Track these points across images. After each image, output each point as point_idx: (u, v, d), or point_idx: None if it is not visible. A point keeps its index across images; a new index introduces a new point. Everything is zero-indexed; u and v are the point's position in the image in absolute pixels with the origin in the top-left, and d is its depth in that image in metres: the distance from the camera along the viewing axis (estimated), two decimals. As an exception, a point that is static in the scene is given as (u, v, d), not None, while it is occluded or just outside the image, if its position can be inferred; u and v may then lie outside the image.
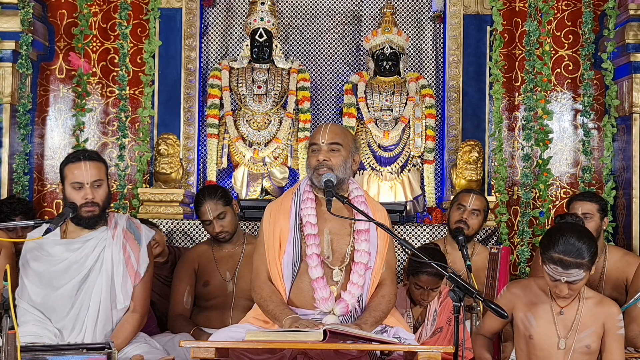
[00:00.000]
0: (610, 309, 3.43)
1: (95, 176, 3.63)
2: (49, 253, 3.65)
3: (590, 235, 3.33)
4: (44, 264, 3.64)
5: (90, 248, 3.66)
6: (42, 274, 3.62)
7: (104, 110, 6.26)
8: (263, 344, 3.13)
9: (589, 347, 3.40)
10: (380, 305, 3.47)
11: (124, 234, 3.74)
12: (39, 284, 3.62)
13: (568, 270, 3.25)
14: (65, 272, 3.63)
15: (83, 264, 3.64)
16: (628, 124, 5.84)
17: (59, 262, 3.63)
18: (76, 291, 3.63)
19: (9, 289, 2.75)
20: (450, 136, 6.30)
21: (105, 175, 3.70)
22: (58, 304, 3.62)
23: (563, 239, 3.26)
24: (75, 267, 3.63)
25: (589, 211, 4.73)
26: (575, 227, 3.41)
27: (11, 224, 4.26)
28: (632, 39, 5.78)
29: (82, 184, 3.61)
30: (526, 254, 5.88)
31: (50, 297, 3.61)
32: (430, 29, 6.68)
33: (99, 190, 3.64)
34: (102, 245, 3.67)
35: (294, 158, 6.27)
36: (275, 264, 3.51)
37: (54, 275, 3.62)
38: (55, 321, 3.63)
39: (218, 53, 6.65)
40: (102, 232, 3.70)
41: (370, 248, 3.50)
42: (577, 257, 3.24)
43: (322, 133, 3.53)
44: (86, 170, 3.62)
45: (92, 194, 3.61)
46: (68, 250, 3.65)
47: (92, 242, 3.67)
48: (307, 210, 3.52)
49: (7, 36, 5.80)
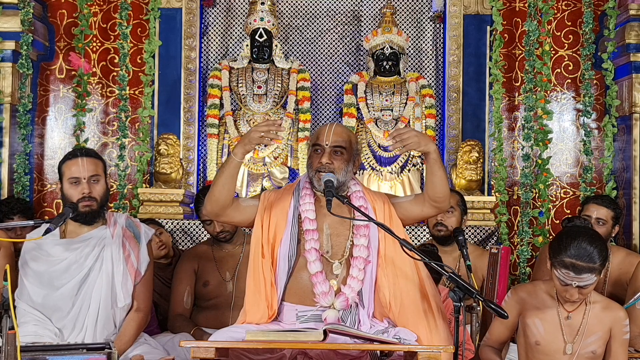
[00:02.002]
0: (618, 313, 3.41)
1: (92, 171, 3.66)
2: (49, 253, 3.65)
3: (601, 239, 3.31)
4: (44, 264, 3.64)
5: (90, 247, 3.66)
6: (42, 274, 3.62)
7: (104, 110, 6.26)
8: (263, 344, 3.13)
9: (594, 352, 3.37)
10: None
11: (124, 233, 3.74)
12: (39, 284, 3.62)
13: (580, 275, 3.21)
14: (65, 271, 3.63)
15: (83, 263, 3.64)
16: (628, 124, 5.84)
17: (59, 262, 3.64)
18: (77, 291, 3.63)
19: (9, 289, 2.75)
20: (450, 136, 6.30)
21: (102, 172, 3.73)
22: (59, 303, 3.62)
23: (575, 243, 3.22)
24: (75, 267, 3.64)
25: (603, 217, 4.69)
26: (587, 231, 3.37)
27: (11, 224, 4.26)
28: (632, 39, 5.78)
29: (79, 179, 3.63)
30: (526, 254, 5.88)
31: (50, 297, 3.61)
32: (430, 29, 6.68)
33: (96, 185, 3.66)
34: (101, 245, 3.67)
35: (294, 158, 6.27)
36: (269, 254, 3.49)
37: (54, 275, 3.62)
38: (55, 321, 3.63)
39: (218, 53, 6.65)
40: (102, 231, 3.71)
41: (370, 243, 3.49)
42: (589, 261, 3.20)
43: (326, 134, 3.51)
44: (83, 165, 3.65)
45: (89, 188, 3.63)
46: (68, 250, 3.65)
47: (91, 241, 3.67)
48: (305, 206, 3.51)
49: (7, 36, 5.80)
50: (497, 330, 3.56)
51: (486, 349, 3.59)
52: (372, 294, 3.50)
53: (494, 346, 3.59)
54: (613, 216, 4.71)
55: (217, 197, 3.46)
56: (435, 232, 4.83)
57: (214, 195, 3.46)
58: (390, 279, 3.47)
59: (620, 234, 5.83)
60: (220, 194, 3.45)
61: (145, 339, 3.84)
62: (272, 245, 3.50)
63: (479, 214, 5.74)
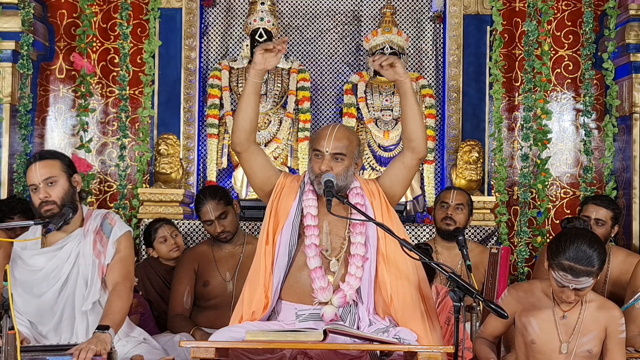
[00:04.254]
0: (613, 312, 3.40)
1: (45, 174, 3.55)
2: (27, 263, 3.60)
3: (600, 242, 3.28)
4: (24, 272, 3.60)
5: (65, 253, 3.60)
6: (22, 282, 3.58)
7: (104, 110, 6.26)
8: (263, 344, 3.13)
9: (590, 351, 3.37)
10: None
11: (96, 232, 3.65)
12: (21, 292, 3.58)
13: (578, 277, 3.19)
14: (44, 280, 3.58)
15: (60, 270, 3.59)
16: (628, 124, 5.84)
17: (38, 271, 3.59)
18: (56, 299, 3.58)
19: (9, 289, 2.75)
20: (450, 136, 6.30)
21: (61, 171, 3.59)
22: (41, 311, 3.59)
23: (574, 246, 3.20)
24: (54, 275, 3.58)
25: (602, 217, 4.66)
26: (586, 233, 3.33)
27: (11, 224, 4.25)
28: (632, 39, 5.77)
29: (36, 186, 3.56)
30: (524, 254, 5.88)
31: (31, 304, 3.58)
32: (430, 29, 6.68)
33: (53, 187, 3.55)
34: (77, 249, 3.61)
35: (294, 158, 6.27)
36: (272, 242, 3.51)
37: (34, 284, 3.58)
38: (42, 327, 3.60)
39: (218, 53, 6.65)
40: (76, 235, 3.64)
41: (367, 240, 3.50)
42: (588, 265, 3.18)
43: (327, 140, 3.51)
44: (36, 170, 3.56)
45: (44, 192, 3.54)
46: (45, 258, 3.60)
47: (66, 247, 3.61)
48: (308, 202, 3.53)
49: (7, 36, 5.79)
50: (492, 324, 3.58)
51: (480, 340, 3.62)
52: (372, 291, 3.51)
53: (488, 339, 3.61)
54: (612, 216, 4.70)
55: (239, 122, 3.52)
56: (443, 225, 4.86)
57: (236, 122, 3.54)
58: (392, 276, 3.49)
59: (620, 234, 5.83)
60: (241, 119, 3.51)
61: (145, 339, 3.83)
62: (274, 234, 3.52)
63: (479, 214, 5.74)
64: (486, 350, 3.55)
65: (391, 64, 3.45)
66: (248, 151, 3.56)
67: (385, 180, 3.65)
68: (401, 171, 3.62)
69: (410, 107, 3.51)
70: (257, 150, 3.60)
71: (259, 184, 3.63)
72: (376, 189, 3.63)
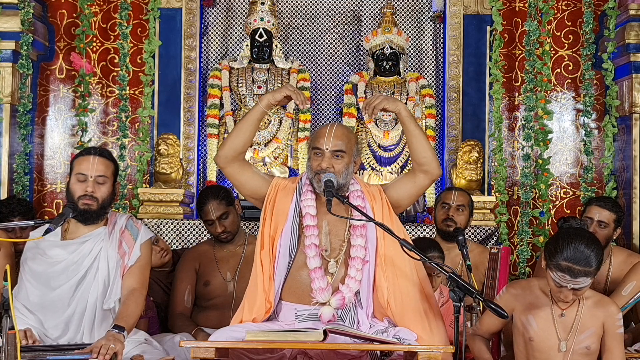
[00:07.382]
0: (610, 308, 3.42)
1: (100, 172, 3.63)
2: (47, 254, 3.64)
3: (597, 241, 3.29)
4: (42, 264, 3.63)
5: (87, 249, 3.64)
6: (40, 274, 3.61)
7: (104, 110, 6.26)
8: (263, 344, 3.13)
9: (588, 348, 3.39)
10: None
11: (121, 233, 3.71)
12: (36, 284, 3.61)
13: (576, 278, 3.21)
14: (63, 272, 3.61)
15: (80, 264, 3.62)
16: (628, 124, 5.84)
17: (57, 263, 3.62)
18: (73, 292, 3.61)
19: (9, 288, 2.75)
20: (450, 136, 6.30)
21: (111, 175, 3.70)
22: (54, 304, 3.60)
23: (572, 247, 3.21)
24: (73, 268, 3.62)
25: (605, 220, 4.62)
26: (583, 233, 3.34)
27: (11, 224, 4.25)
28: (632, 39, 5.78)
29: (86, 177, 3.61)
30: (526, 254, 5.88)
31: (47, 297, 3.60)
32: (430, 29, 6.68)
33: (101, 187, 3.63)
34: (99, 246, 3.65)
35: (294, 158, 6.27)
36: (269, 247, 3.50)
37: (51, 276, 3.61)
38: (51, 321, 3.61)
39: (218, 53, 6.65)
40: (100, 232, 3.69)
41: (367, 243, 3.50)
42: (586, 265, 3.19)
43: (326, 138, 3.51)
44: (93, 164, 3.63)
45: (93, 187, 3.60)
46: (66, 251, 3.64)
47: (89, 242, 3.65)
48: (307, 202, 3.53)
49: (7, 36, 5.79)
50: (489, 321, 3.59)
51: (475, 337, 3.62)
52: (370, 294, 3.51)
53: (484, 336, 3.63)
54: (615, 219, 4.67)
55: (234, 141, 3.55)
56: (443, 226, 4.86)
57: (231, 139, 3.56)
58: (389, 279, 3.48)
59: (620, 234, 5.82)
60: (237, 139, 3.54)
61: (146, 339, 3.84)
62: (272, 238, 3.52)
63: (479, 214, 5.74)
64: (483, 349, 3.56)
65: (381, 107, 3.48)
66: (232, 167, 3.59)
67: (392, 192, 3.64)
68: (410, 188, 3.63)
69: (412, 134, 3.51)
70: (243, 165, 3.62)
71: (248, 194, 3.67)
72: (378, 193, 3.62)
